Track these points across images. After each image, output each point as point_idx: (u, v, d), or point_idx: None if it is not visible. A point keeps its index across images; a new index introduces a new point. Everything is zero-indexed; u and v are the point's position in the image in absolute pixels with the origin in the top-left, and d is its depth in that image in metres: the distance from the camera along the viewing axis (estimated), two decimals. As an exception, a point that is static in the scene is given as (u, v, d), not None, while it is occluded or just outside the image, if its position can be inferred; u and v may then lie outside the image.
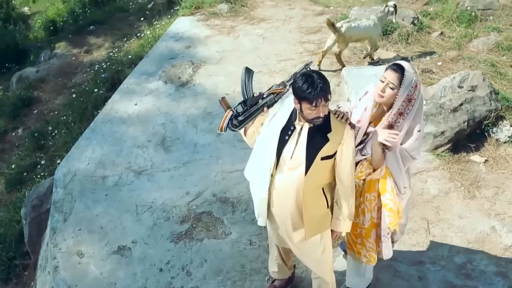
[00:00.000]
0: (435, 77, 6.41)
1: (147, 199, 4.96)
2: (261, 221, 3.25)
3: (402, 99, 2.99)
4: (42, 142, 7.34)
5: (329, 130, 2.93)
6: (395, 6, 6.69)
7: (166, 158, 5.46)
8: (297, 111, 2.92)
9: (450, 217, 4.62)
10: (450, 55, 6.96)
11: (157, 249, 4.45)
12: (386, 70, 3.03)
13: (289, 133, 2.97)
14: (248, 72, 3.09)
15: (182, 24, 8.22)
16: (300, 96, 2.78)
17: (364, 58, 7.07)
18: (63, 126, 7.23)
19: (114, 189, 5.09)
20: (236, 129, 3.01)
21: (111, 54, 8.93)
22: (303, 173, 2.94)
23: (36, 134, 7.36)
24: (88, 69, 8.90)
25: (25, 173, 6.79)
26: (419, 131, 3.11)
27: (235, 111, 2.99)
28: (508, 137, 5.46)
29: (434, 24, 7.83)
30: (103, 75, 7.83)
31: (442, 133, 5.35)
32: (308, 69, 2.92)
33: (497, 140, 5.47)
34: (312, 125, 2.90)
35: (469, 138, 5.47)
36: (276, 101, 3.00)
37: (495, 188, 4.94)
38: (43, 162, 6.75)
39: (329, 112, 2.94)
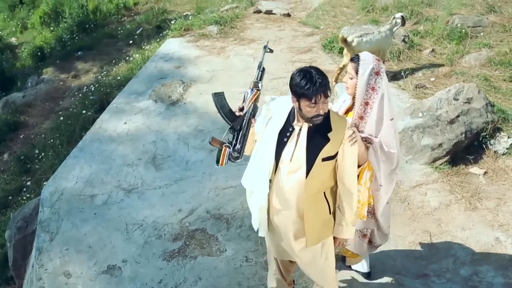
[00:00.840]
0: (429, 92, 6.35)
1: (138, 217, 4.76)
2: (262, 231, 3.08)
3: (362, 88, 3.05)
4: (29, 166, 7.14)
5: (330, 130, 2.79)
6: (402, 18, 6.69)
7: (157, 176, 5.28)
8: (295, 110, 2.78)
9: (452, 229, 4.47)
10: (442, 71, 6.92)
11: (149, 268, 4.24)
12: None
13: (288, 134, 2.82)
14: (217, 96, 2.87)
15: (172, 45, 8.13)
16: (298, 93, 2.64)
17: None
18: (50, 149, 7.04)
19: (103, 208, 4.89)
20: (238, 160, 2.83)
21: (99, 77, 8.80)
22: (303, 176, 2.79)
23: (22, 157, 7.16)
24: (76, 93, 8.75)
25: (10, 197, 6.56)
26: (392, 119, 3.10)
27: (228, 143, 2.80)
28: (506, 148, 5.36)
29: (424, 42, 7.82)
30: (91, 97, 7.69)
31: (440, 145, 5.24)
32: (268, 50, 2.90)
33: (495, 152, 5.37)
34: (311, 125, 2.76)
35: (467, 150, 5.37)
36: (257, 107, 2.87)
37: (497, 200, 4.81)
38: (29, 183, 6.53)
39: (328, 111, 2.81)
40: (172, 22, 9.48)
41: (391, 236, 4.37)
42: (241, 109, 2.82)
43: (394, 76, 6.85)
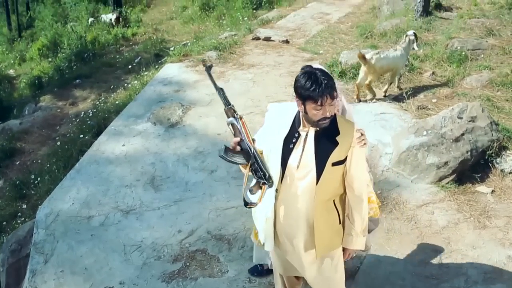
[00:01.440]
0: (431, 112, 6.27)
1: (136, 238, 4.60)
2: (269, 245, 2.93)
3: None
4: (24, 191, 6.98)
5: (338, 133, 2.68)
6: (415, 34, 6.80)
7: (156, 197, 5.14)
8: (301, 115, 2.67)
9: (462, 247, 4.32)
10: (444, 92, 6.86)
11: (147, 290, 4.06)
12: None
13: (294, 141, 2.70)
14: (225, 154, 2.67)
15: (171, 70, 8.09)
16: (303, 96, 2.53)
17: (385, 91, 7.01)
18: (46, 174, 6.90)
19: (100, 229, 4.73)
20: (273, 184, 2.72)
21: (97, 104, 8.73)
22: (313, 182, 2.67)
23: (17, 183, 7.01)
24: (74, 119, 8.65)
25: (4, 222, 6.38)
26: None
27: (259, 179, 2.68)
28: (513, 167, 5.26)
29: (424, 65, 7.79)
30: (89, 122, 7.59)
31: (446, 163, 5.12)
32: (209, 65, 2.76)
33: (502, 170, 5.25)
34: (318, 129, 2.65)
35: (473, 168, 5.26)
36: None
37: (506, 218, 4.66)
38: (24, 208, 6.36)
39: (335, 114, 2.70)
40: (171, 49, 9.46)
41: (399, 255, 4.25)
42: (239, 142, 2.65)
43: (395, 98, 6.80)
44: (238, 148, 2.62)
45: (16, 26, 25.14)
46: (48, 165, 7.13)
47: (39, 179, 6.83)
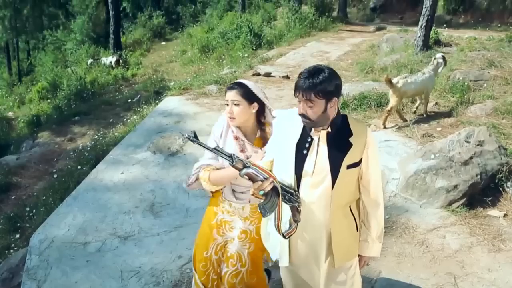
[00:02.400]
0: (436, 140, 6.13)
1: (134, 264, 4.36)
2: (284, 260, 2.75)
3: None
4: (18, 224, 6.74)
5: (350, 134, 2.55)
6: (443, 58, 6.83)
7: (155, 223, 4.93)
8: None
9: (478, 270, 4.10)
10: (448, 121, 6.76)
11: (146, 316, 3.81)
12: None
13: (307, 146, 2.56)
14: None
15: (171, 102, 8.02)
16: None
17: (416, 111, 7.12)
18: (42, 206, 6.67)
19: (97, 255, 4.50)
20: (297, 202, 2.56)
21: (96, 138, 8.59)
22: (329, 187, 2.52)
23: (12, 215, 6.78)
24: (72, 154, 8.50)
25: (-3, 255, 6.12)
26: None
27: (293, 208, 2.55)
28: (524, 191, 5.09)
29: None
30: (87, 154, 7.43)
31: (455, 187, 4.96)
32: (190, 135, 2.46)
33: (513, 194, 5.09)
34: (330, 131, 2.51)
35: (484, 192, 5.09)
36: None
37: (521, 241, 4.47)
38: (17, 236, 6.11)
39: (345, 115, 2.60)
40: (172, 83, 9.42)
41: (412, 278, 4.02)
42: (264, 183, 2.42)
43: (399, 128, 6.69)
44: (269, 188, 2.40)
45: (17, 71, 25.44)
46: (44, 198, 6.92)
47: (34, 211, 6.61)
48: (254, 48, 13.51)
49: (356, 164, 2.56)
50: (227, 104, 2.93)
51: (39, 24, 26.64)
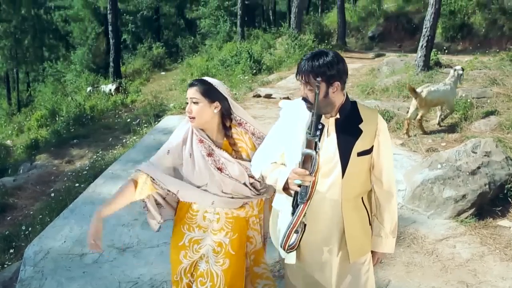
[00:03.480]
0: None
1: (133, 275, 4.18)
2: (291, 257, 2.57)
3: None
4: (14, 243, 6.55)
5: (360, 120, 2.44)
6: (462, 69, 7.05)
7: (154, 235, 4.72)
8: None
9: (491, 279, 3.94)
10: (453, 137, 6.67)
11: (145, 327, 3.62)
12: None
13: (318, 133, 2.44)
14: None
15: (171, 121, 7.93)
16: None
17: (442, 120, 7.25)
18: (38, 224, 6.50)
19: (94, 266, 4.32)
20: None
21: (95, 158, 8.47)
22: (339, 176, 2.40)
23: (7, 233, 6.60)
24: (70, 174, 8.36)
25: (-10, 274, 5.91)
26: None
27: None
28: (534, 202, 4.96)
29: (430, 115, 7.65)
30: (85, 173, 7.30)
31: (464, 196, 4.83)
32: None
33: (523, 204, 4.96)
34: (338, 117, 2.41)
35: (493, 203, 4.96)
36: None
37: (534, 250, 4.32)
38: (11, 251, 5.92)
39: (355, 102, 2.50)
40: (171, 105, 9.36)
41: (422, 287, 3.86)
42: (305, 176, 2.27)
43: (402, 143, 6.59)
44: (306, 184, 2.26)
45: (16, 102, 25.46)
46: (41, 217, 6.75)
47: (30, 229, 6.43)
48: (254, 74, 13.52)
49: (367, 152, 2.45)
50: (187, 103, 2.69)
51: (40, 55, 26.81)
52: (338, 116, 2.42)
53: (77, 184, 6.89)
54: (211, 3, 27.67)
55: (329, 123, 2.43)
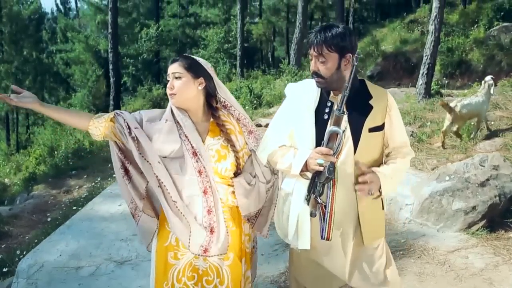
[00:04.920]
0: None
1: (131, 286, 3.98)
2: (305, 242, 2.42)
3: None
4: (7, 269, 6.32)
5: (370, 97, 2.38)
6: (492, 79, 7.10)
7: (154, 249, 4.58)
8: None
9: (508, 287, 3.75)
10: (458, 158, 6.53)
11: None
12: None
13: (327, 110, 2.36)
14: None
15: (171, 146, 7.81)
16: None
17: (477, 132, 7.26)
18: (34, 246, 6.30)
19: (90, 279, 4.12)
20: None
21: (93, 185, 8.31)
22: (351, 152, 2.32)
23: (1, 257, 6.36)
24: (68, 204, 8.18)
25: (-18, 298, 5.66)
26: None
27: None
28: (545, 216, 4.80)
29: (433, 139, 7.56)
30: (82, 199, 7.13)
31: (474, 208, 4.67)
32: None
33: (534, 217, 4.79)
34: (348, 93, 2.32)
35: (504, 215, 4.79)
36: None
37: (550, 260, 4.13)
38: (5, 270, 5.68)
39: (363, 80, 2.44)
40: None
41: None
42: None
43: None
44: (329, 161, 2.18)
45: (15, 143, 25.38)
46: (36, 241, 6.54)
47: (24, 252, 6.21)
48: (255, 108, 13.50)
49: (379, 128, 2.37)
50: (169, 80, 2.45)
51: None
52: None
53: (74, 208, 6.71)
54: (210, 46, 27.97)
55: (338, 100, 2.34)
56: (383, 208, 2.49)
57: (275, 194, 2.69)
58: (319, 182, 2.23)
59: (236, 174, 2.54)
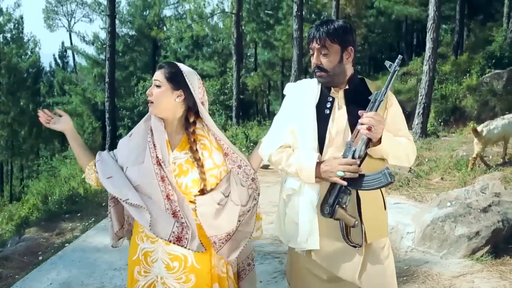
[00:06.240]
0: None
1: (124, 312, 3.82)
2: (314, 241, 2.31)
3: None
4: (-5, 308, 6.09)
5: (369, 93, 2.33)
6: None
7: (148, 277, 4.42)
8: None
9: (517, 309, 3.61)
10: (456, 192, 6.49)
11: None
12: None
13: (328, 105, 2.34)
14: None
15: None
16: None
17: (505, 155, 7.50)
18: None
19: (81, 305, 3.96)
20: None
21: (87, 226, 8.14)
22: None
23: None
24: (61, 244, 7.98)
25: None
26: None
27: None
28: (550, 241, 4.70)
29: (432, 175, 7.52)
30: (76, 235, 6.96)
31: (477, 233, 4.57)
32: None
33: (539, 244, 4.69)
34: (347, 87, 2.33)
35: (508, 241, 4.68)
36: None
37: (558, 284, 4.01)
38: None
39: (363, 78, 2.42)
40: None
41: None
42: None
43: (407, 197, 6.40)
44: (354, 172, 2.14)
45: (8, 194, 25.12)
46: (28, 278, 6.35)
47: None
48: (250, 153, 13.47)
49: None
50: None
51: (36, 149, 26.90)
52: (347, 86, 2.34)
53: (67, 244, 6.53)
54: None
55: (339, 96, 2.33)
56: (385, 209, 2.41)
57: (253, 219, 2.50)
58: (344, 193, 2.17)
59: (204, 192, 2.38)
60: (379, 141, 2.15)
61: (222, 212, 2.35)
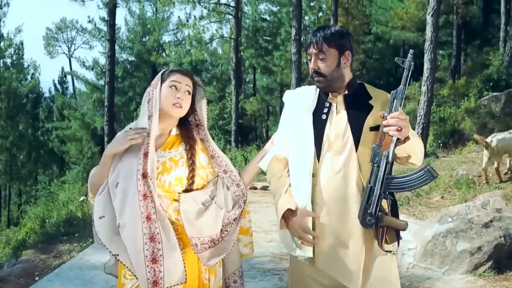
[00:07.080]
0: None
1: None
2: (308, 250, 2.28)
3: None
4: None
5: (370, 97, 2.37)
6: None
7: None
8: None
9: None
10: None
11: None
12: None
13: (325, 111, 2.35)
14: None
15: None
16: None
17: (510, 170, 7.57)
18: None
19: (78, 322, 3.89)
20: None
21: (84, 246, 8.07)
22: (353, 150, 2.26)
23: (-17, 317, 6.05)
24: (58, 265, 7.90)
25: None
26: None
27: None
28: (553, 257, 4.65)
29: (432, 194, 7.49)
30: (73, 256, 6.90)
31: (479, 248, 4.53)
32: None
33: (542, 259, 4.64)
34: (347, 92, 2.35)
35: (510, 256, 4.64)
36: None
37: None
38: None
39: (362, 83, 2.43)
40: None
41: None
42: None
43: (408, 214, 6.36)
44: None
45: (6, 220, 24.95)
46: (24, 300, 6.27)
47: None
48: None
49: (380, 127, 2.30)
50: (174, 86, 2.31)
51: (34, 174, 26.81)
52: (346, 92, 2.35)
53: (63, 264, 6.46)
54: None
55: (338, 101, 2.35)
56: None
57: (237, 228, 2.41)
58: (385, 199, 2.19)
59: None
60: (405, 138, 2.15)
61: (205, 213, 2.27)
